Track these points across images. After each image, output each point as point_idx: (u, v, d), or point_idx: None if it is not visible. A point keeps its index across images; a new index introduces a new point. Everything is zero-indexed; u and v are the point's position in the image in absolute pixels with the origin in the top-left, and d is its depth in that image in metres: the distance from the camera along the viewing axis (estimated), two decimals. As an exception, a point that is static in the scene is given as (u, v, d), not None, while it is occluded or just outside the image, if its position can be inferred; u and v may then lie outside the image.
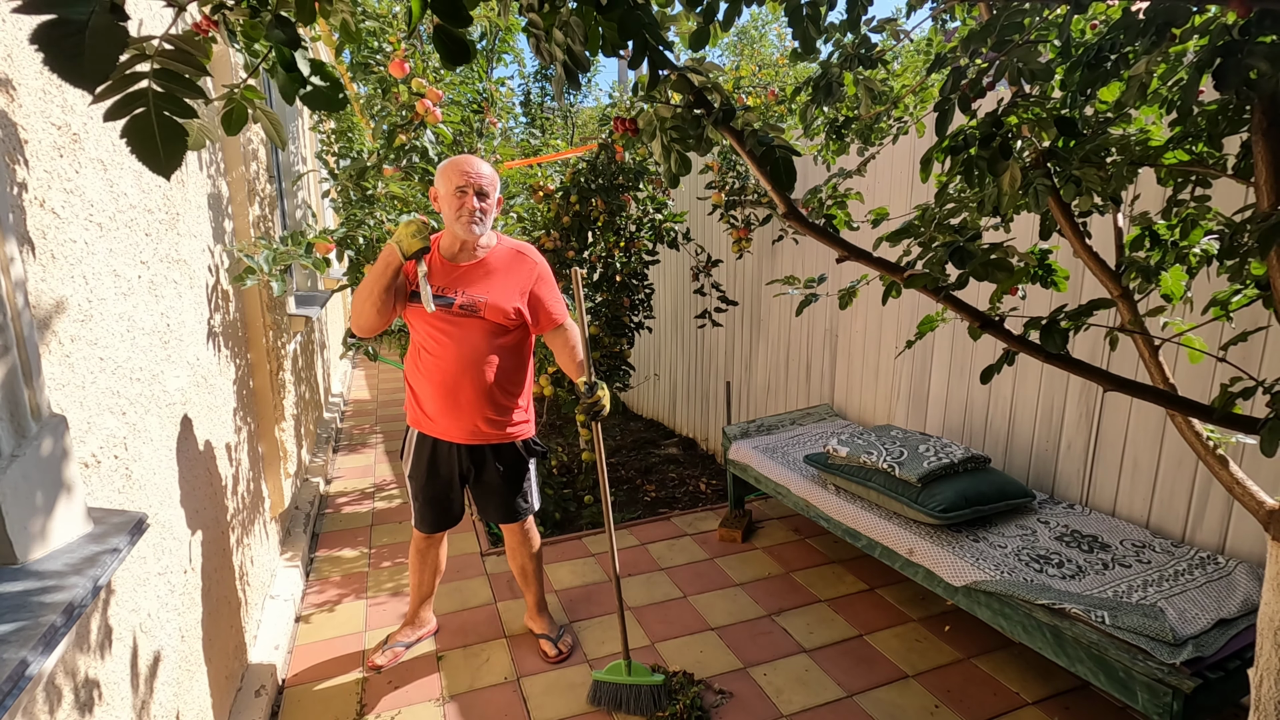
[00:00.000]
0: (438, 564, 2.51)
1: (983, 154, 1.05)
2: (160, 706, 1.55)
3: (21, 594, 0.92)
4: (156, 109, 0.69)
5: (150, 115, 0.69)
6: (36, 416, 1.05)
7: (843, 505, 2.62)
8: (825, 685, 2.28)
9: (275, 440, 2.87)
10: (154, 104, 0.69)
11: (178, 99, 0.72)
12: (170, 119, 0.70)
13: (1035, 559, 2.11)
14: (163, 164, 0.70)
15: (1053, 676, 2.28)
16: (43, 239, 1.18)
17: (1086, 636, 1.76)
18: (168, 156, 0.70)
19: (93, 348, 1.34)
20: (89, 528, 1.12)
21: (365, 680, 2.35)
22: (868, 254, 1.01)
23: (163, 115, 0.70)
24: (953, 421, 2.94)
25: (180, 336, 1.87)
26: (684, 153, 0.97)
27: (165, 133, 0.70)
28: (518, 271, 2.19)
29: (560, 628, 2.57)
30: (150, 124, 0.69)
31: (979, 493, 2.34)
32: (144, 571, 1.51)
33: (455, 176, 2.03)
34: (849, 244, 1.01)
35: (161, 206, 1.80)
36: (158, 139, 0.70)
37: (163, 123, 0.70)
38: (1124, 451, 2.32)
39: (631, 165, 3.70)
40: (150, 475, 1.58)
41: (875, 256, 1.01)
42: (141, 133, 0.69)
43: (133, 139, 0.69)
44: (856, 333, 3.41)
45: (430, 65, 3.11)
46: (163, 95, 0.70)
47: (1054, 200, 1.38)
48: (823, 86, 1.20)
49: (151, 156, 0.69)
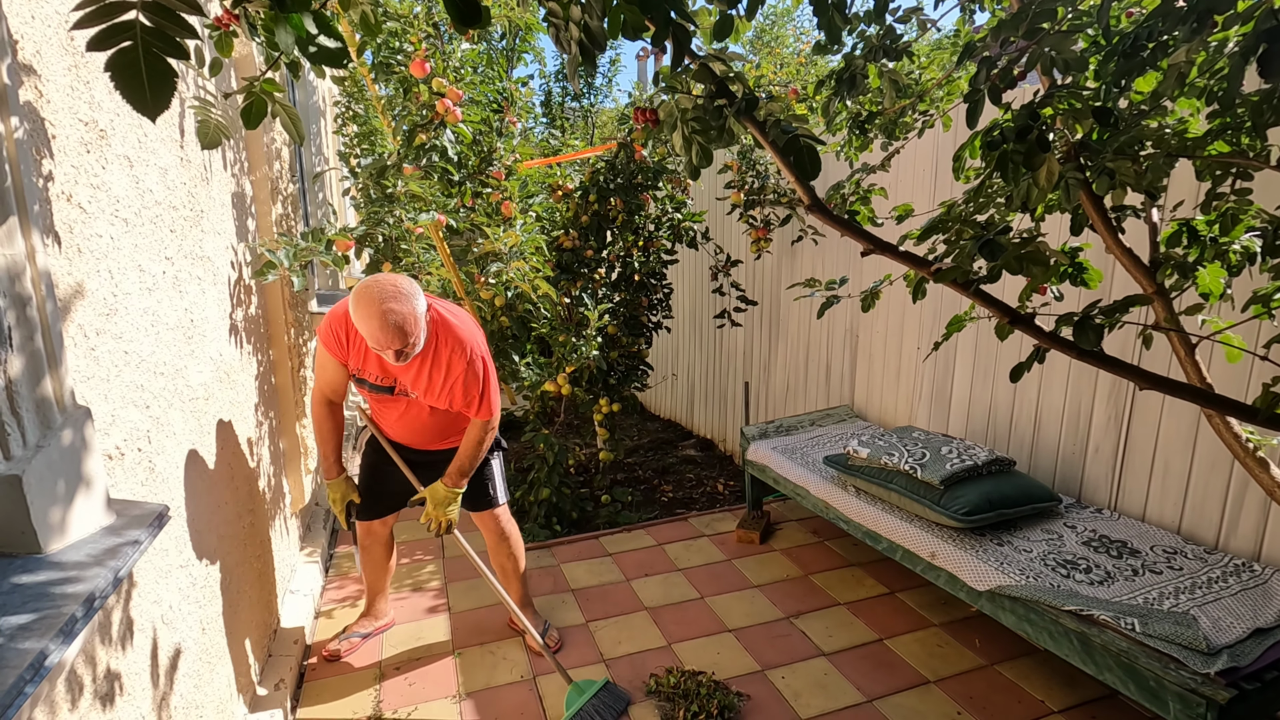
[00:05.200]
0: (381, 558, 2.49)
1: (1018, 148, 1.02)
2: (181, 698, 1.56)
3: (43, 584, 0.92)
4: (144, 44, 0.65)
5: (138, 50, 0.65)
6: (61, 408, 1.06)
7: (863, 507, 2.58)
8: (844, 690, 2.25)
9: (296, 436, 2.90)
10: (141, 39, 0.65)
11: (168, 36, 0.68)
12: (159, 56, 0.67)
13: (1062, 564, 2.07)
14: (149, 104, 0.67)
15: (1079, 684, 2.22)
16: (69, 233, 1.19)
17: (1115, 644, 1.71)
18: (154, 97, 0.67)
19: (117, 341, 1.35)
20: (111, 519, 1.13)
21: (383, 676, 2.35)
22: (894, 248, 0.99)
23: (151, 52, 0.66)
24: (976, 424, 2.89)
25: (203, 332, 1.89)
26: (705, 145, 0.95)
27: (153, 71, 0.66)
28: (447, 370, 2.07)
29: (545, 623, 2.55)
30: (137, 60, 0.65)
31: (1003, 496, 2.29)
32: (166, 564, 1.52)
33: (369, 340, 1.86)
34: (875, 237, 0.99)
35: (186, 203, 1.81)
36: (144, 76, 0.66)
37: (150, 60, 0.66)
38: (1155, 455, 2.26)
39: (651, 164, 3.69)
40: (173, 469, 1.59)
41: (902, 251, 0.99)
42: (127, 69, 0.66)
43: (117, 75, 0.66)
44: (877, 334, 3.36)
45: (450, 65, 3.12)
46: (151, 30, 0.66)
47: (1085, 195, 1.35)
48: (846, 79, 1.18)
49: (137, 96, 0.66)
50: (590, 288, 3.65)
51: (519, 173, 3.50)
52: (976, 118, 1.07)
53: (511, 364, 3.46)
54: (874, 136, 1.70)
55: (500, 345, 3.54)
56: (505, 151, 3.36)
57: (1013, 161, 1.06)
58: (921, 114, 1.67)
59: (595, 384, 3.70)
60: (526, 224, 3.20)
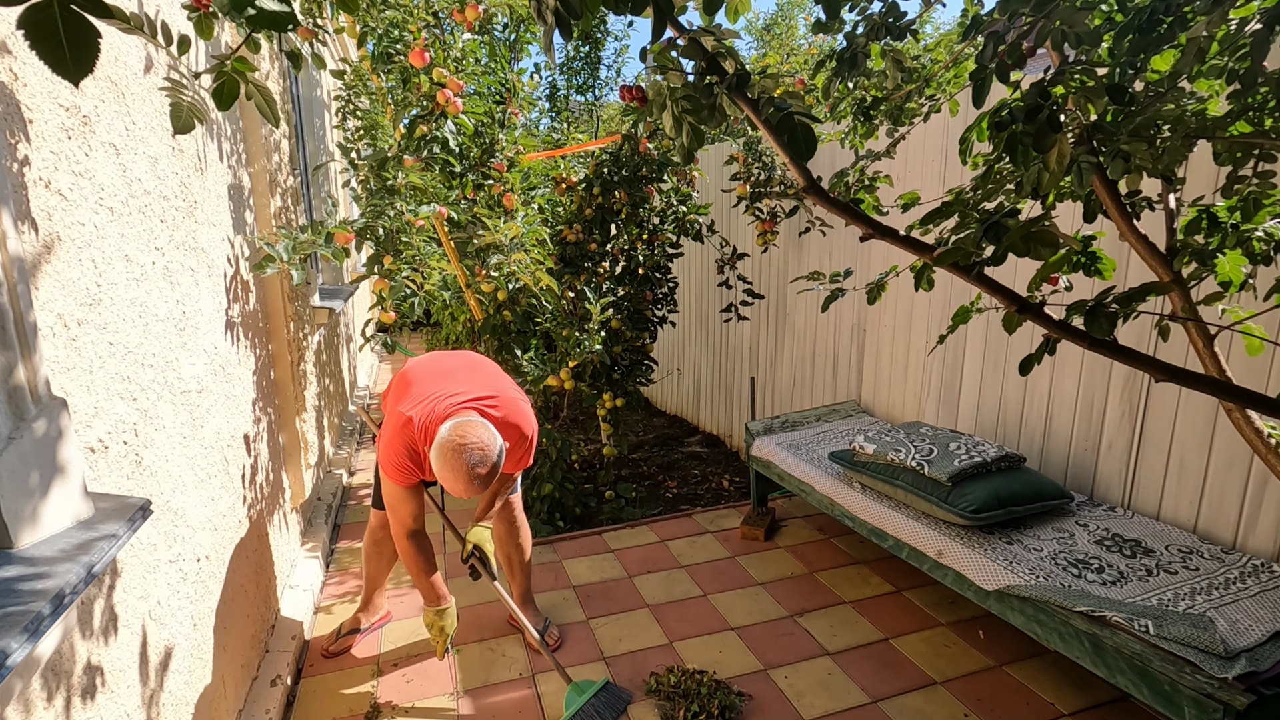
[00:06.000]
0: (391, 553, 2.46)
1: (1028, 129, 0.97)
2: (170, 695, 1.54)
3: (11, 580, 0.89)
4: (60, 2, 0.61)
5: (54, 8, 0.61)
6: (35, 398, 1.03)
7: (869, 504, 2.53)
8: (849, 690, 2.20)
9: (296, 431, 2.88)
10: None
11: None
12: (78, 15, 0.62)
13: (1073, 563, 2.01)
14: (70, 68, 0.63)
15: (1090, 687, 2.17)
16: (47, 220, 1.16)
17: (1128, 646, 1.66)
18: (75, 60, 0.62)
19: (101, 332, 1.33)
20: (88, 513, 1.10)
21: (380, 672, 2.33)
22: (894, 231, 0.94)
23: (69, 9, 0.61)
24: (986, 419, 2.83)
25: (197, 325, 1.86)
26: (696, 125, 0.91)
27: (71, 32, 0.62)
28: None
29: (546, 620, 2.52)
30: (54, 19, 0.61)
31: (1013, 493, 2.23)
32: (154, 559, 1.50)
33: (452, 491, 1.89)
34: (874, 221, 0.94)
35: (178, 194, 1.79)
36: (63, 38, 0.61)
37: (68, 19, 0.61)
38: (1170, 451, 2.20)
39: (656, 156, 3.64)
40: (162, 462, 1.57)
41: (901, 234, 0.94)
42: (43, 28, 0.61)
43: (32, 34, 0.61)
44: (885, 328, 3.30)
45: (451, 55, 3.08)
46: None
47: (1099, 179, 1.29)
48: (846, 59, 1.13)
49: (57, 59, 0.62)
50: (594, 281, 3.61)
51: (521, 165, 3.46)
52: (983, 97, 1.02)
53: (514, 358, 3.43)
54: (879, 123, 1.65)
55: (503, 339, 3.51)
56: (507, 143, 3.32)
57: (1022, 144, 1.00)
58: (928, 99, 1.62)
59: (599, 379, 3.66)
60: (528, 216, 3.16)
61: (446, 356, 2.29)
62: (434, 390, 2.03)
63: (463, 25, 3.15)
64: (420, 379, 2.12)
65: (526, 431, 2.12)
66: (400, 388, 2.16)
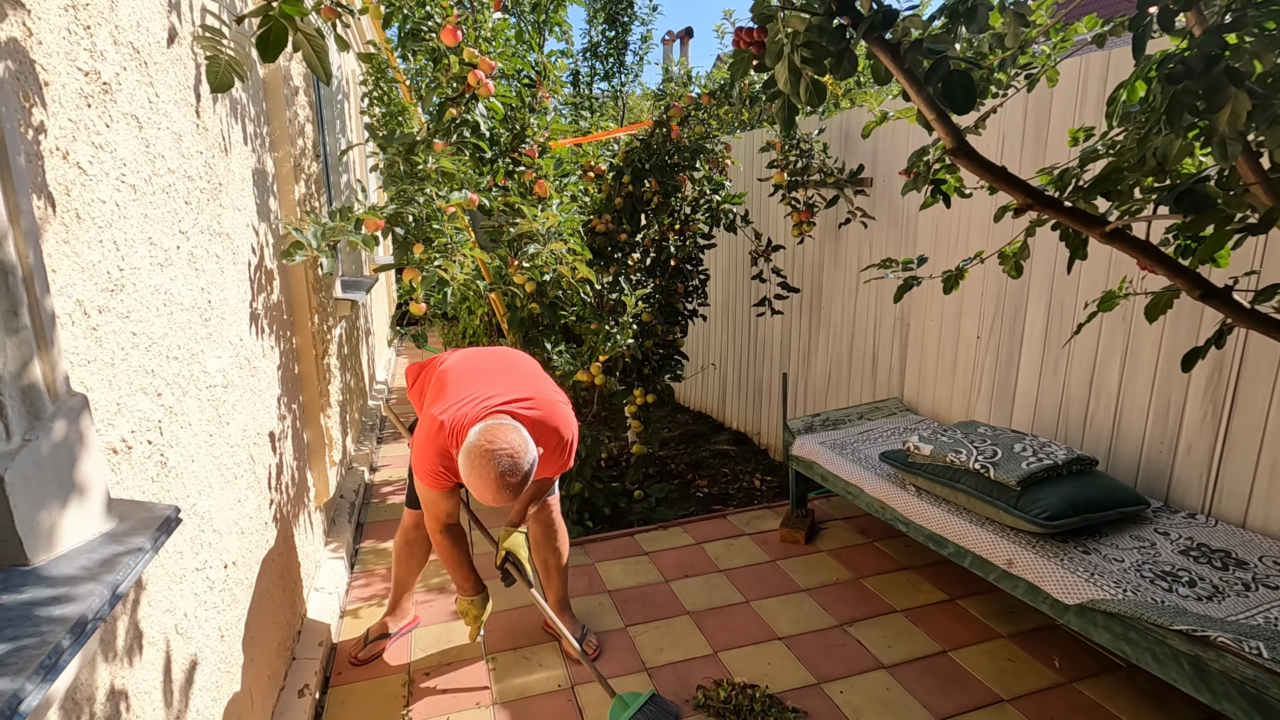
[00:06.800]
0: (423, 554, 2.37)
1: (1194, 85, 0.82)
2: (197, 713, 1.42)
3: (26, 604, 0.77)
4: None
5: None
6: (53, 395, 0.91)
7: (925, 508, 2.39)
8: (910, 707, 2.07)
9: (321, 427, 2.77)
10: None
11: None
12: None
13: (1160, 576, 1.86)
14: None
15: (1172, 706, 2.02)
16: (65, 195, 1.04)
17: (1239, 671, 1.51)
18: None
19: (124, 321, 1.21)
20: (111, 524, 0.98)
21: (412, 682, 2.22)
22: (1058, 202, 0.80)
23: None
24: (1045, 419, 2.67)
25: (222, 315, 1.75)
26: (818, 77, 0.77)
27: None
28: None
29: (583, 628, 2.41)
30: None
31: (1088, 498, 2.08)
32: (180, 568, 1.38)
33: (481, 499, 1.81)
34: (1033, 189, 0.80)
35: (203, 174, 1.67)
36: None
37: None
38: (1260, 454, 2.04)
39: (688, 144, 3.50)
40: (188, 462, 1.45)
41: (1069, 207, 0.80)
42: None
43: None
44: (931, 321, 3.15)
45: (481, 35, 2.95)
46: None
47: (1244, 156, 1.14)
48: (965, 10, 0.99)
49: None
50: (625, 273, 3.47)
51: (553, 151, 3.32)
52: (1143, 48, 0.87)
53: (544, 352, 3.30)
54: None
55: (531, 333, 3.38)
56: (539, 128, 3.19)
57: (1184, 102, 0.86)
58: (1022, 67, 1.47)
59: (629, 374, 3.53)
60: (564, 204, 3.03)
61: (482, 355, 2.17)
62: (468, 392, 1.92)
63: (490, 3, 3.02)
64: (456, 380, 2.00)
65: (566, 435, 1.99)
66: (435, 389, 2.04)
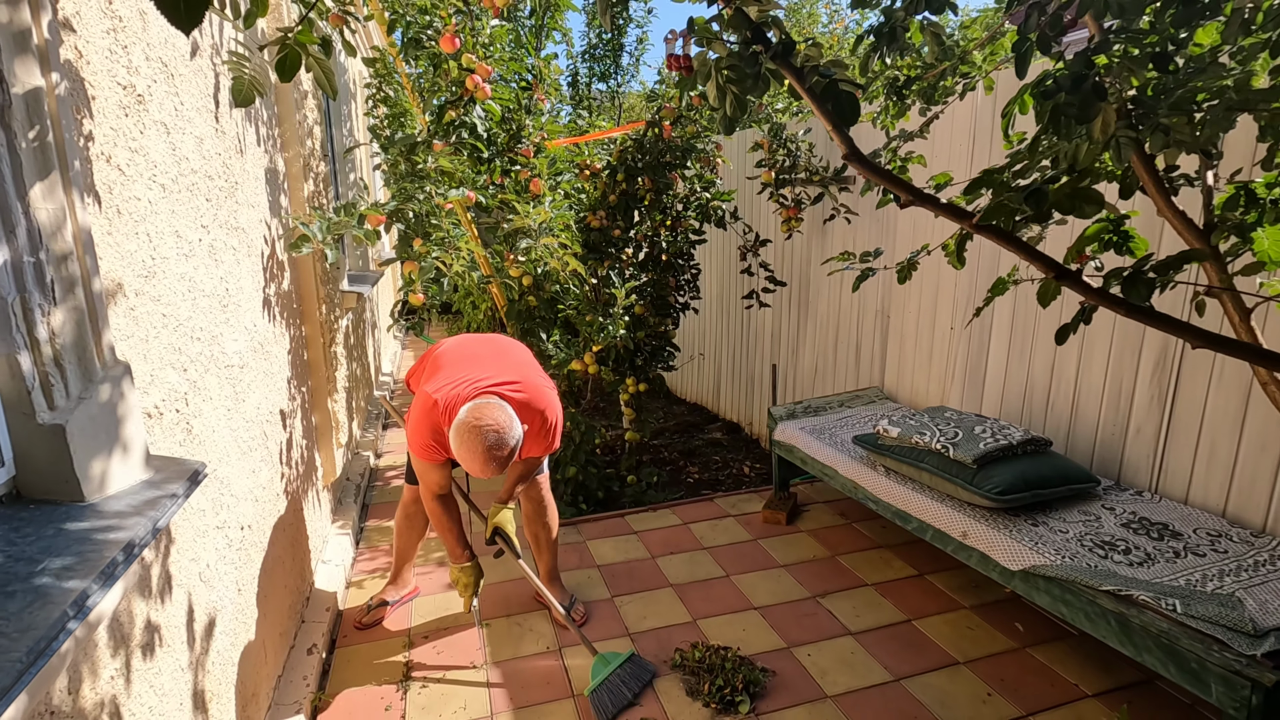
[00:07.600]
0: (422, 527, 2.55)
1: (1072, 99, 0.97)
2: (218, 654, 1.60)
3: (86, 530, 0.94)
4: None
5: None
6: (102, 362, 1.08)
7: (893, 487, 2.55)
8: (871, 668, 2.23)
9: (328, 411, 2.94)
10: None
11: None
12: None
13: (1099, 545, 2.01)
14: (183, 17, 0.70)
15: (1115, 669, 2.17)
16: (109, 193, 1.21)
17: (1156, 625, 1.67)
18: (188, 10, 0.69)
19: (156, 304, 1.38)
20: (150, 474, 1.15)
21: (411, 644, 2.39)
22: (934, 199, 0.96)
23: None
24: (1011, 404, 2.82)
25: (238, 302, 1.92)
26: (740, 94, 0.93)
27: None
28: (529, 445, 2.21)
29: (572, 597, 2.58)
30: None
31: (1039, 476, 2.23)
32: (203, 524, 1.56)
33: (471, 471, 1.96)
34: (914, 188, 0.96)
35: (221, 173, 1.84)
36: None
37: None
38: (1200, 436, 2.19)
39: (679, 143, 3.65)
40: (209, 432, 1.63)
41: (943, 203, 0.95)
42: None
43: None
44: (909, 313, 3.30)
45: (479, 41, 3.11)
46: None
47: (1137, 155, 1.29)
48: (886, 33, 1.14)
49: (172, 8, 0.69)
50: (618, 267, 3.64)
51: (548, 151, 3.48)
52: (1026, 68, 1.03)
53: (540, 343, 3.47)
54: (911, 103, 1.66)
55: (527, 325, 3.55)
56: (534, 129, 3.35)
57: (1065, 114, 1.01)
58: (962, 76, 1.62)
59: (622, 364, 3.69)
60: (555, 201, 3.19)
61: (476, 341, 2.34)
62: (460, 374, 2.09)
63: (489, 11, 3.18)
64: (449, 363, 2.18)
65: (549, 416, 2.16)
66: (430, 370, 2.22)
